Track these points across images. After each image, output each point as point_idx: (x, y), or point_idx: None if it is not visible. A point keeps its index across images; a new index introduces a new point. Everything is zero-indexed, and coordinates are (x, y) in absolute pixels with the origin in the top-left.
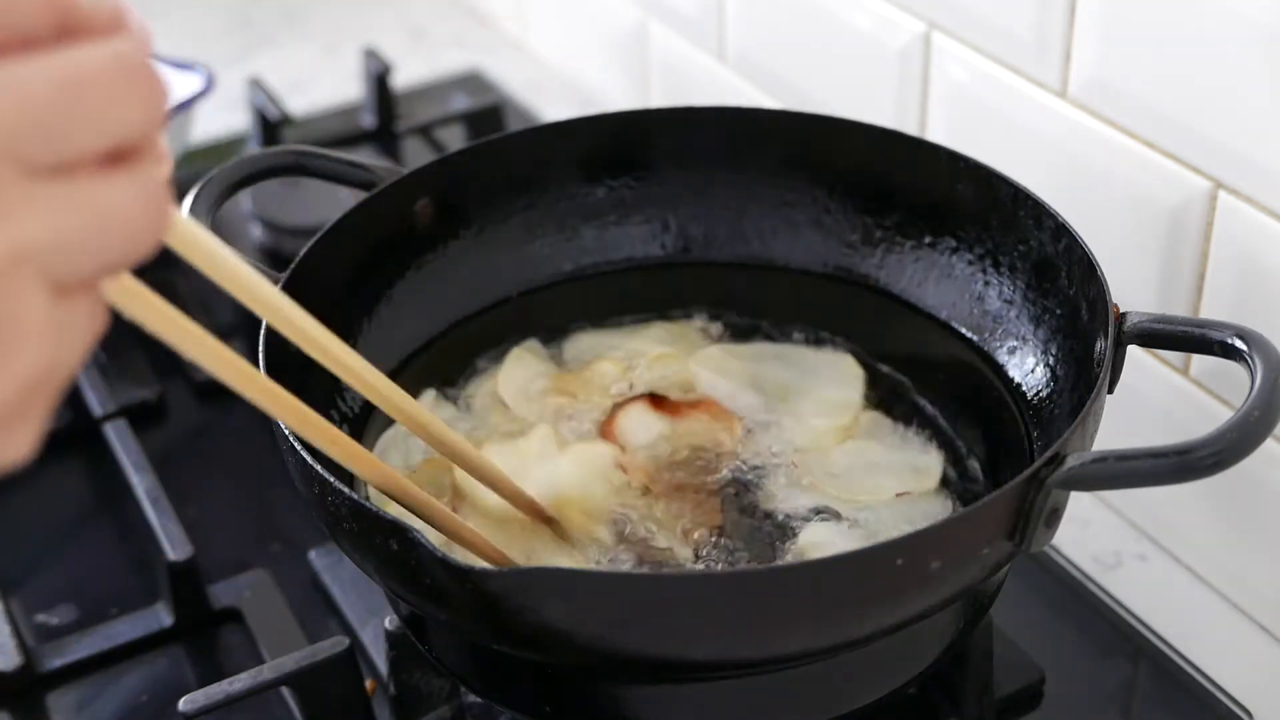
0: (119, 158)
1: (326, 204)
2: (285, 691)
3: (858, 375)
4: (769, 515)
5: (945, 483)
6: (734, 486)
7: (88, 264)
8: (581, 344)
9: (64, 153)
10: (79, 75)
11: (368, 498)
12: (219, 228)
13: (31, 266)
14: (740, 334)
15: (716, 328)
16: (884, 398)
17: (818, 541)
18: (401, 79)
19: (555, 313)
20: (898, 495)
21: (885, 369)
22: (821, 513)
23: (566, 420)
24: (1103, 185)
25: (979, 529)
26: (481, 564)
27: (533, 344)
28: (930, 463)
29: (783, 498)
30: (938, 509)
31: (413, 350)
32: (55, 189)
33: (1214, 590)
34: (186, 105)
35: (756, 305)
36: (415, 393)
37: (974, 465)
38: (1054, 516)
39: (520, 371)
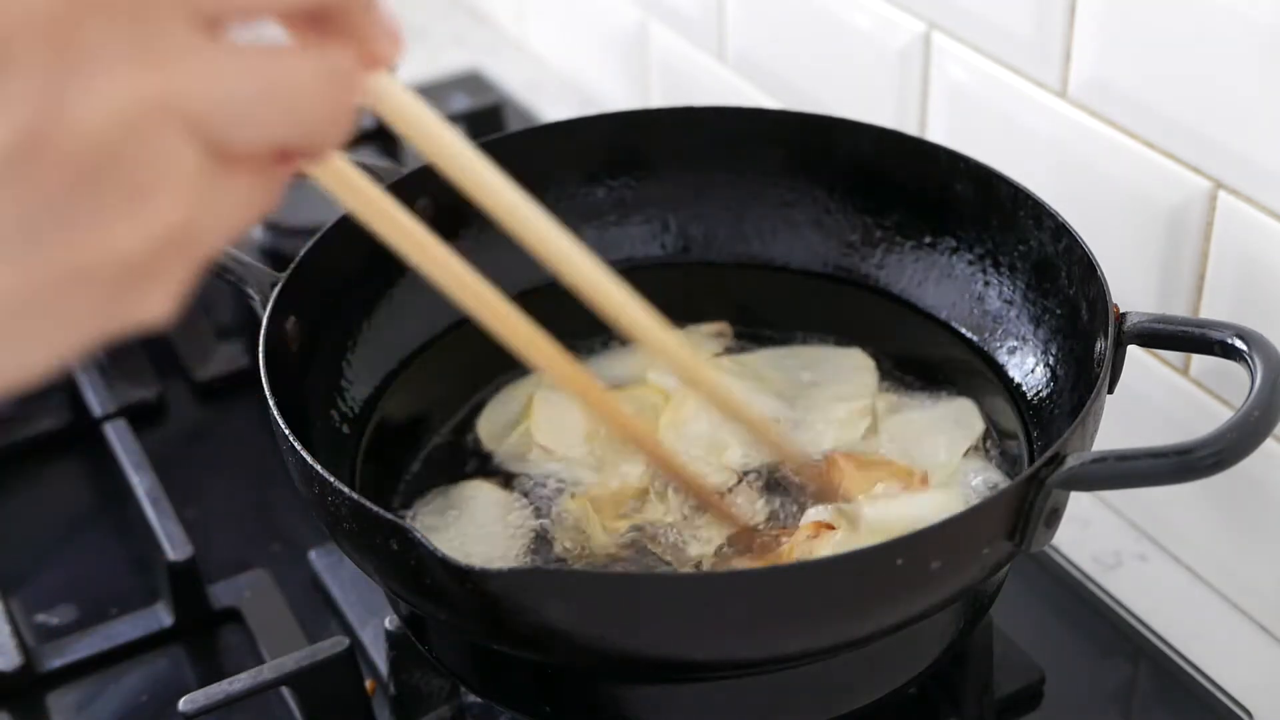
0: (318, 28)
1: (326, 204)
2: (285, 691)
3: (867, 363)
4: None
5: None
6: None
7: (250, 134)
8: (595, 363)
9: (258, 7)
10: None
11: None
12: None
13: (181, 118)
14: (747, 340)
15: (726, 336)
16: (897, 379)
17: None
18: (401, 79)
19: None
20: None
21: (887, 365)
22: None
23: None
24: (1103, 185)
25: (979, 529)
26: (481, 564)
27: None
28: (967, 408)
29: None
30: (995, 476)
31: (412, 351)
32: (227, 48)
33: (1214, 590)
34: None
35: (757, 307)
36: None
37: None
38: (1054, 516)
39: (551, 411)
